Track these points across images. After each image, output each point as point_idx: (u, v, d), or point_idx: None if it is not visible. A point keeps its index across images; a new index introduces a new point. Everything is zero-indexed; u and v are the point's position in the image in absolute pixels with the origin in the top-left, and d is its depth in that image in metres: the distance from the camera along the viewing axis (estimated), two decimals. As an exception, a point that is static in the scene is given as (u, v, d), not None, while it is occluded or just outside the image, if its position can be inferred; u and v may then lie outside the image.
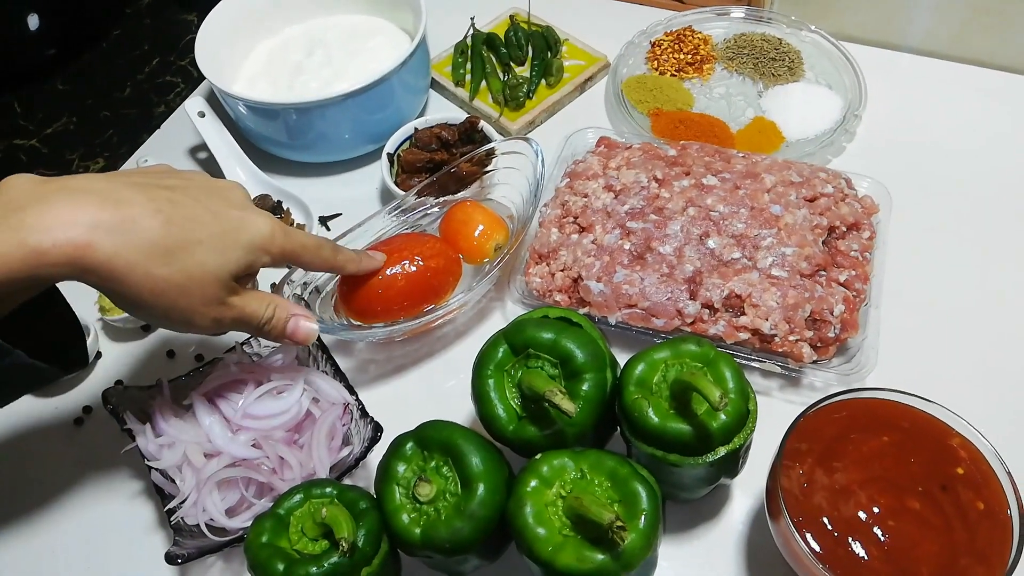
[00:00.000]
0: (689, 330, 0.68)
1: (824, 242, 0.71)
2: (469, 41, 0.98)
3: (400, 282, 0.70)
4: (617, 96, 0.90)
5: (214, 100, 0.94)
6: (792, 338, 0.66)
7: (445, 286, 0.73)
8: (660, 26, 0.97)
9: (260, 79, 0.92)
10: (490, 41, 0.97)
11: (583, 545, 0.49)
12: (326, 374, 0.67)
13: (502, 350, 0.57)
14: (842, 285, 0.69)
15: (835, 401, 0.55)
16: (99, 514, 0.68)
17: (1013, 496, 0.51)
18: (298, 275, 0.71)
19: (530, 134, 0.92)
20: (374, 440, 0.62)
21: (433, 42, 0.93)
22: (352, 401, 0.65)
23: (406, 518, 0.53)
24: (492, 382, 0.57)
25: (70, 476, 0.70)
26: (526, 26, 0.98)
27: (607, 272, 0.70)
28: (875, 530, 0.51)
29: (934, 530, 0.51)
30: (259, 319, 0.57)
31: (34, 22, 1.07)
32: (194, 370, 0.69)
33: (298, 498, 0.55)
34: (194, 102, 0.91)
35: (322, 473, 0.62)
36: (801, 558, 0.51)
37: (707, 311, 0.68)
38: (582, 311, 0.71)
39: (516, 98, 0.91)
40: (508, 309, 0.76)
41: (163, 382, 0.66)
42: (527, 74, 0.94)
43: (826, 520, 0.51)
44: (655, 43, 0.96)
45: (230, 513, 0.61)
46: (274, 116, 0.84)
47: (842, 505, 0.52)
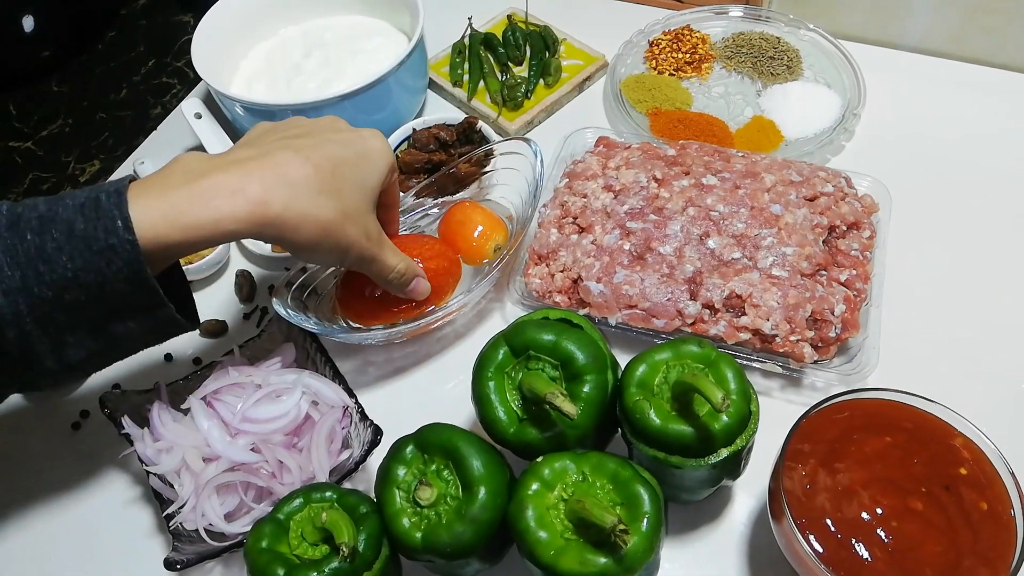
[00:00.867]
0: (690, 331, 0.68)
1: (824, 241, 0.71)
2: (467, 41, 0.97)
3: (399, 284, 0.69)
4: (616, 96, 0.90)
5: (211, 101, 0.94)
6: (793, 338, 0.66)
7: (445, 287, 0.72)
8: (658, 25, 0.97)
9: (257, 80, 0.92)
10: (488, 41, 0.97)
11: (585, 548, 0.49)
12: (325, 377, 0.66)
13: (502, 352, 0.57)
14: (843, 284, 0.68)
15: (837, 402, 0.55)
16: (97, 519, 0.67)
17: (1017, 496, 0.50)
18: (297, 276, 0.70)
19: (528, 134, 0.91)
20: (374, 443, 0.61)
21: (430, 42, 0.93)
22: (351, 404, 0.64)
23: (407, 522, 0.53)
24: (492, 384, 0.56)
25: (67, 481, 0.69)
26: (524, 26, 0.98)
27: (607, 273, 0.70)
28: (878, 531, 0.51)
29: (937, 531, 0.51)
30: (392, 265, 0.64)
31: (29, 23, 1.07)
32: (192, 373, 0.69)
33: (298, 503, 0.55)
34: (191, 103, 0.90)
35: (322, 477, 0.61)
36: (804, 560, 0.51)
37: (708, 311, 0.68)
38: (582, 312, 0.70)
39: (514, 98, 0.91)
40: (508, 310, 0.76)
41: (161, 386, 0.66)
42: (525, 74, 0.94)
43: (829, 522, 0.51)
44: (653, 42, 0.96)
45: (229, 518, 0.61)
46: (272, 117, 0.82)
47: (845, 506, 0.52)
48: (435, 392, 0.72)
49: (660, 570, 0.55)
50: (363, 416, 0.64)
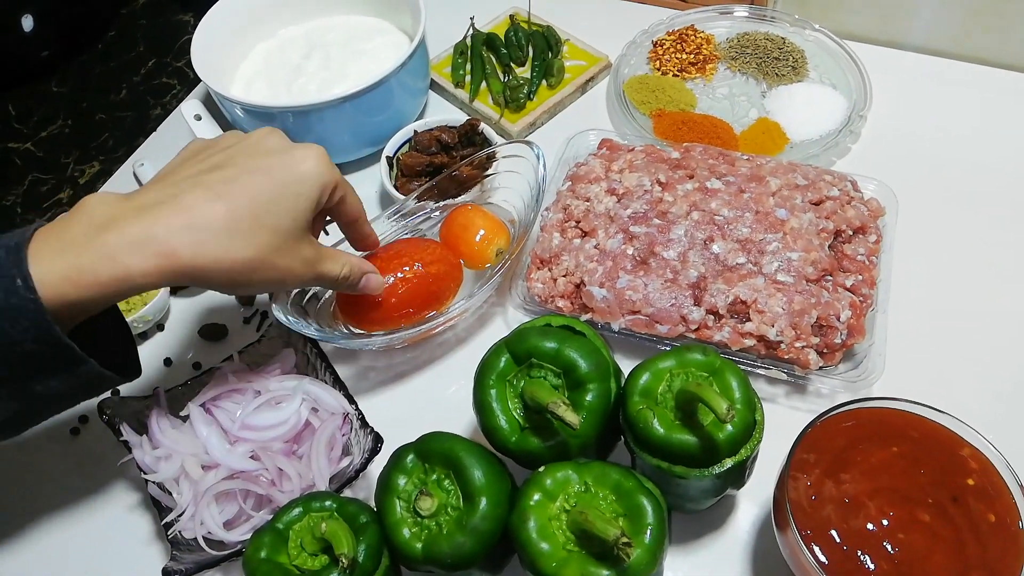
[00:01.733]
0: (694, 336, 0.67)
1: (830, 246, 0.70)
2: (469, 42, 0.97)
3: (400, 288, 0.69)
4: (619, 97, 0.89)
5: (211, 103, 0.93)
6: (798, 344, 0.65)
7: (446, 292, 0.72)
8: (662, 25, 0.96)
9: (257, 81, 0.91)
10: (490, 41, 0.96)
11: (588, 561, 0.48)
12: (325, 383, 0.66)
13: (504, 359, 0.56)
14: (848, 290, 0.68)
15: (843, 411, 0.54)
16: (95, 527, 0.67)
17: (1025, 508, 0.50)
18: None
19: (531, 136, 0.91)
20: (374, 451, 0.61)
21: (432, 43, 0.92)
22: (352, 411, 0.64)
23: (407, 532, 0.52)
24: (494, 392, 0.56)
25: (65, 488, 0.69)
26: (526, 26, 0.97)
27: (610, 278, 0.69)
28: (884, 543, 0.50)
29: (944, 543, 0.50)
30: (335, 275, 0.62)
31: (28, 23, 1.06)
32: (191, 379, 0.68)
33: (297, 512, 0.54)
34: (190, 105, 0.90)
35: (321, 485, 0.61)
36: (809, 571, 0.50)
37: (712, 317, 0.67)
38: (584, 317, 0.70)
39: (517, 99, 0.90)
40: (510, 315, 0.75)
41: (160, 392, 0.65)
42: (528, 75, 0.93)
43: (834, 532, 0.50)
44: (657, 43, 0.95)
45: (228, 526, 0.60)
46: (271, 119, 0.83)
47: (851, 517, 0.51)
48: (436, 398, 0.71)
49: (663, 580, 0.54)
50: (363, 423, 0.63)
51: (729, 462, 0.53)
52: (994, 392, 0.67)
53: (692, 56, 0.93)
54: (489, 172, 0.78)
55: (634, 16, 0.99)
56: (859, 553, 0.50)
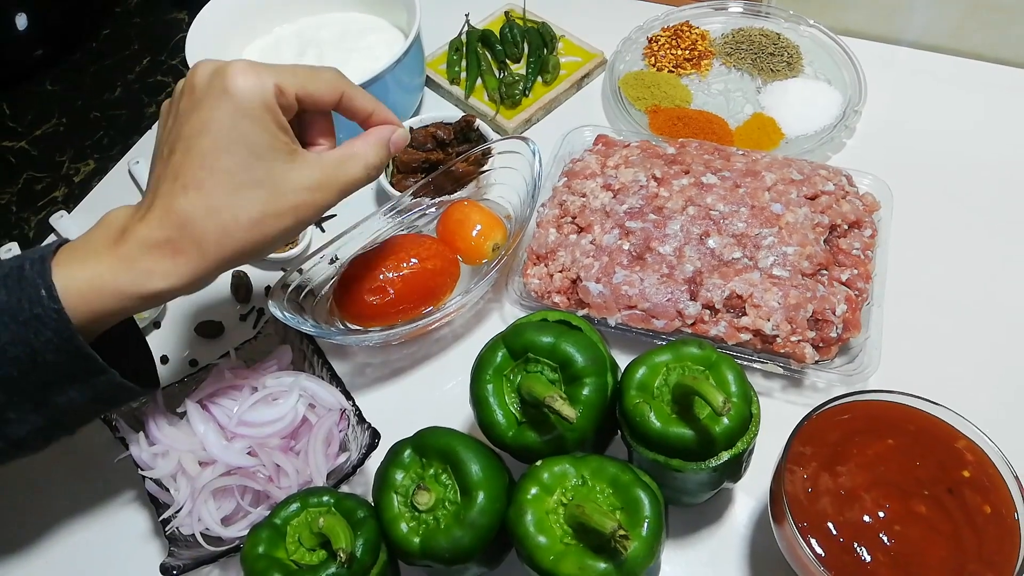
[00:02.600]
0: (690, 331, 0.67)
1: (825, 240, 0.70)
2: (464, 38, 0.97)
3: (397, 284, 0.69)
4: (614, 93, 0.89)
5: (206, 100, 0.93)
6: (794, 338, 0.65)
7: (443, 287, 0.72)
8: (657, 22, 0.96)
9: (252, 78, 0.91)
10: (485, 38, 0.96)
11: (585, 554, 0.48)
12: (322, 379, 0.66)
13: (501, 354, 0.56)
14: (844, 284, 0.68)
15: (839, 404, 0.54)
16: (92, 524, 0.67)
17: (1021, 499, 0.50)
18: (293, 278, 0.70)
19: (527, 132, 0.91)
20: (371, 447, 0.61)
21: (427, 39, 0.92)
22: (349, 407, 0.64)
23: (405, 527, 0.52)
24: (491, 387, 0.56)
25: (62, 485, 0.69)
26: (521, 22, 0.97)
27: (606, 273, 0.69)
28: (881, 535, 0.50)
29: (941, 535, 0.50)
30: (361, 175, 0.57)
31: (22, 22, 1.06)
32: (188, 376, 0.68)
33: (295, 507, 0.54)
34: (185, 102, 0.89)
35: (319, 480, 0.61)
36: (806, 563, 0.50)
37: (708, 312, 0.67)
38: (581, 312, 0.70)
39: (512, 96, 0.90)
40: (506, 310, 0.75)
41: (157, 389, 0.65)
42: (523, 71, 0.93)
43: (831, 525, 0.51)
44: (652, 39, 0.95)
45: (226, 522, 0.60)
46: (267, 116, 0.83)
47: (847, 510, 0.51)
48: (433, 393, 0.71)
49: (660, 573, 0.54)
50: (361, 419, 0.63)
51: (726, 455, 0.53)
52: (989, 385, 0.67)
53: (687, 52, 0.93)
54: (485, 168, 0.78)
55: (629, 12, 0.99)
56: (855, 545, 0.50)
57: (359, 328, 0.70)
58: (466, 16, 0.98)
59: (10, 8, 1.05)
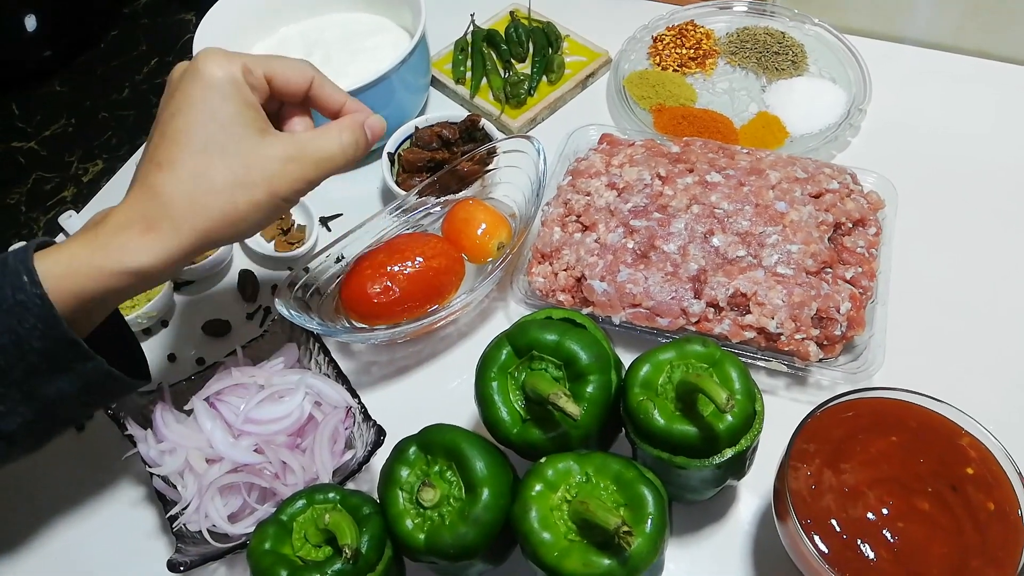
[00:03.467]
0: (694, 329, 0.67)
1: (830, 239, 0.70)
2: (469, 38, 0.97)
3: (402, 283, 0.69)
4: (619, 92, 0.89)
5: (213, 100, 0.93)
6: (798, 336, 0.65)
7: (448, 286, 0.72)
8: (662, 21, 0.96)
9: (259, 79, 0.91)
10: (490, 38, 0.96)
11: (589, 550, 0.49)
12: (328, 377, 0.66)
13: (505, 352, 0.57)
14: (848, 282, 0.68)
15: (842, 401, 0.55)
16: (100, 520, 0.67)
17: (1024, 496, 0.50)
18: (300, 276, 0.70)
19: (531, 131, 0.91)
20: (377, 444, 0.61)
21: (433, 39, 0.92)
22: (354, 404, 0.64)
23: (410, 523, 0.53)
24: (496, 385, 0.56)
25: (71, 482, 0.69)
26: (527, 22, 0.98)
27: (611, 271, 0.69)
28: (884, 532, 0.50)
29: (944, 531, 0.50)
30: (335, 150, 0.56)
31: (31, 23, 1.07)
32: (195, 374, 0.68)
33: (301, 504, 0.54)
34: (193, 103, 0.90)
35: (325, 477, 0.61)
36: (809, 560, 0.50)
37: (712, 310, 0.67)
38: (585, 311, 0.70)
39: (517, 95, 0.91)
40: (511, 309, 0.76)
41: (164, 387, 0.66)
42: (528, 71, 0.94)
43: (834, 522, 0.51)
44: (657, 38, 0.95)
45: (232, 519, 0.61)
46: (273, 116, 0.83)
47: (850, 507, 0.51)
48: (438, 391, 0.72)
49: (664, 570, 0.54)
50: (366, 416, 0.64)
51: (729, 452, 0.53)
52: (993, 382, 0.67)
53: (692, 51, 0.93)
54: (490, 167, 0.78)
55: (634, 12, 0.99)
56: (859, 542, 0.50)
57: (365, 326, 0.70)
58: (471, 16, 0.98)
59: (19, 9, 1.06)
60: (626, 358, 0.59)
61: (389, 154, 0.83)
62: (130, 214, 0.51)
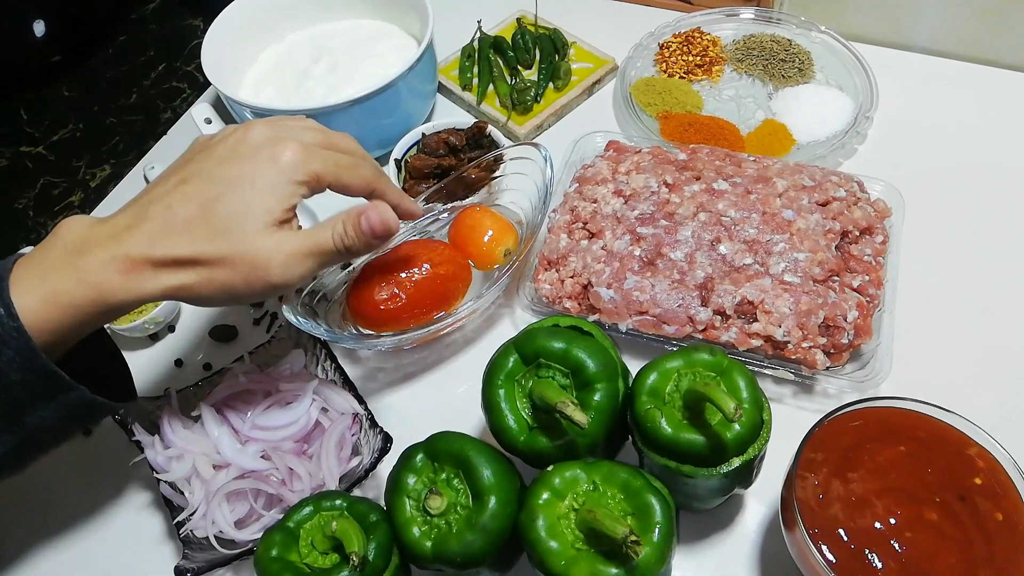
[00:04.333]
0: (701, 337, 0.67)
1: (837, 247, 0.70)
2: (476, 45, 0.97)
3: (409, 289, 0.69)
4: (626, 99, 0.90)
5: (220, 106, 0.94)
6: (805, 344, 0.65)
7: (455, 292, 0.72)
8: (668, 28, 0.97)
9: (266, 85, 0.92)
10: (497, 44, 0.97)
11: (596, 559, 0.49)
12: (335, 383, 0.66)
13: (512, 360, 0.57)
14: (855, 290, 0.68)
15: (850, 410, 0.54)
16: (107, 526, 0.67)
17: (1033, 507, 0.50)
18: (307, 283, 0.70)
19: (538, 138, 0.91)
20: (384, 451, 0.61)
21: (439, 45, 0.92)
22: (361, 411, 0.64)
23: (417, 531, 0.53)
24: (503, 392, 0.56)
25: (78, 488, 0.69)
26: (533, 29, 0.98)
27: (617, 279, 0.69)
28: (892, 542, 0.50)
29: (952, 542, 0.50)
30: (331, 242, 0.56)
31: (40, 28, 1.07)
32: (202, 380, 0.69)
33: (308, 511, 0.55)
34: (200, 108, 0.90)
35: (332, 484, 0.61)
36: (817, 570, 0.50)
37: (719, 317, 0.67)
38: (592, 318, 0.70)
39: (524, 102, 0.91)
40: (517, 316, 0.76)
41: (171, 392, 0.66)
42: (535, 77, 0.94)
43: (842, 531, 0.51)
44: (663, 45, 0.95)
45: (239, 525, 0.61)
46: (281, 122, 0.83)
47: (858, 516, 0.51)
48: (445, 398, 0.72)
49: (671, 579, 0.54)
50: (373, 423, 0.64)
51: (737, 461, 0.53)
52: (1001, 392, 0.67)
53: (698, 58, 0.93)
54: (497, 174, 0.78)
55: (640, 19, 0.99)
56: (867, 552, 0.50)
57: (372, 333, 0.70)
58: (478, 23, 0.98)
59: (28, 15, 1.07)
60: (633, 366, 0.59)
61: (396, 160, 0.84)
62: (116, 251, 0.51)
